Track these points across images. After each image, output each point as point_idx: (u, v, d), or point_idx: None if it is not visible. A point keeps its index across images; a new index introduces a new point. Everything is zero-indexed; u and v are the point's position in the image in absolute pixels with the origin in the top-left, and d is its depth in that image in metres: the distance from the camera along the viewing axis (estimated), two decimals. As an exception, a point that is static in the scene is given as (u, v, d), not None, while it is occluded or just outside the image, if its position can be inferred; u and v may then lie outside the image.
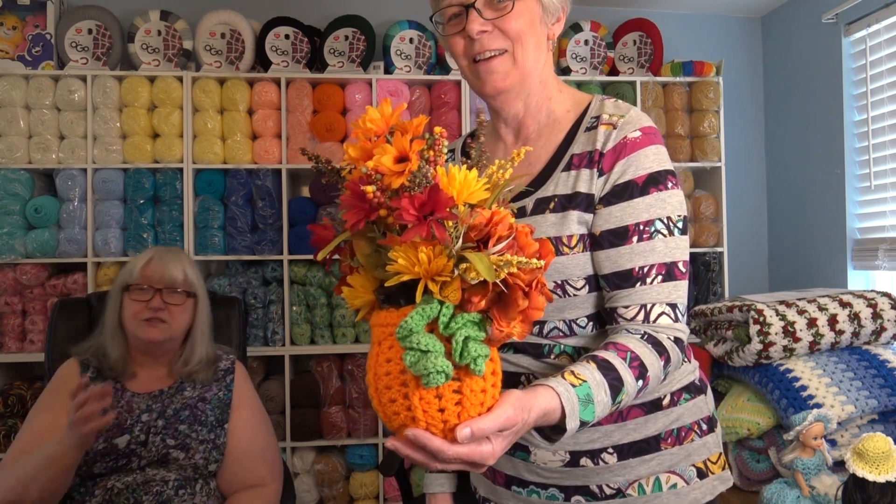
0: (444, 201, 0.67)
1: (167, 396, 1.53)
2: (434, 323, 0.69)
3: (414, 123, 0.74)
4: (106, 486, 1.41)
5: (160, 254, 1.59)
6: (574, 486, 0.99)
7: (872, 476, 1.25)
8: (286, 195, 2.54)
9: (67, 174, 2.41)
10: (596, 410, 0.81)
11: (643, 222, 0.91)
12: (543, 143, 1.01)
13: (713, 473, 1.01)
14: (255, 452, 1.56)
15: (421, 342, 0.67)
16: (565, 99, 1.03)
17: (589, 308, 0.96)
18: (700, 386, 1.04)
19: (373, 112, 0.75)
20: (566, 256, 0.94)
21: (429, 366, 0.66)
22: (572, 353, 0.97)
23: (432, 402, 0.69)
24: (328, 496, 2.59)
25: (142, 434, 1.46)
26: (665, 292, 0.91)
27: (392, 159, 0.70)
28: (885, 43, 2.41)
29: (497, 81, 0.97)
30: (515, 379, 1.00)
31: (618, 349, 0.86)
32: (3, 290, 2.40)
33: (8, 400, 2.32)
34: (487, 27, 0.94)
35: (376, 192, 0.68)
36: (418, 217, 0.66)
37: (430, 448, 0.70)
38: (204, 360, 1.58)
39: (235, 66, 2.55)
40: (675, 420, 0.99)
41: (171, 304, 1.54)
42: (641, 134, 0.94)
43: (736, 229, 2.99)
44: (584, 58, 2.77)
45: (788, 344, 1.74)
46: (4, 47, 2.47)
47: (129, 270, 1.56)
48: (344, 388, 2.58)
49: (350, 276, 0.78)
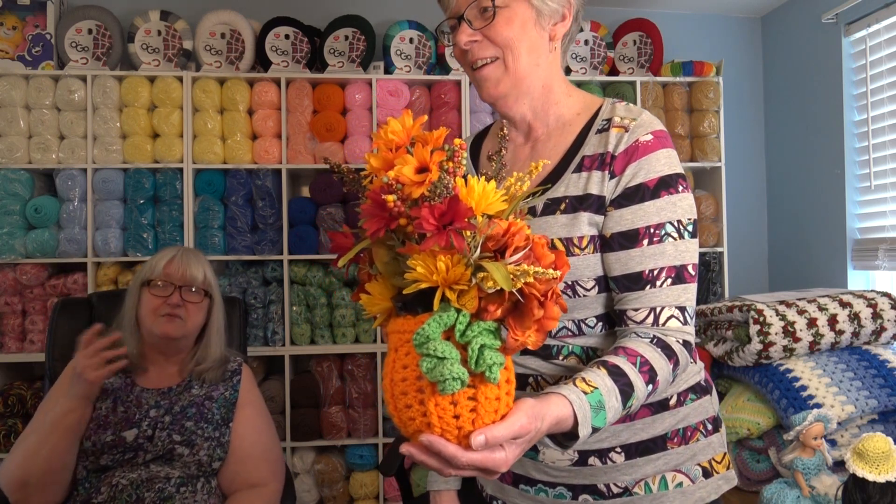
0: (464, 212, 0.68)
1: (175, 394, 1.56)
2: (450, 331, 0.70)
3: (434, 135, 0.76)
4: (111, 483, 1.43)
5: (183, 252, 1.62)
6: (582, 484, 1.00)
7: (872, 476, 1.25)
8: (286, 195, 2.54)
9: (67, 174, 2.41)
10: (608, 416, 0.81)
11: (654, 225, 0.92)
12: (553, 145, 1.02)
13: (718, 473, 1.02)
14: (258, 452, 1.57)
15: (438, 349, 0.68)
16: (575, 102, 1.04)
17: (598, 308, 0.97)
18: (706, 386, 1.05)
19: (394, 123, 0.76)
20: (576, 257, 0.94)
21: (445, 372, 0.68)
22: (580, 354, 0.98)
23: (447, 409, 0.70)
24: (328, 496, 2.59)
25: (149, 429, 1.48)
26: (674, 295, 0.92)
27: (413, 170, 0.72)
28: (885, 43, 2.41)
29: (490, 88, 0.99)
30: (523, 380, 1.00)
31: (628, 354, 0.87)
32: (3, 290, 2.40)
33: (8, 400, 2.32)
34: (476, 37, 0.96)
35: (396, 202, 0.70)
36: (437, 227, 0.68)
37: (445, 454, 0.71)
38: (217, 360, 1.61)
39: (235, 66, 2.55)
40: (682, 420, 1.00)
41: (189, 301, 1.57)
42: (653, 137, 0.94)
43: (736, 229, 2.99)
44: (584, 58, 2.77)
45: (788, 344, 1.74)
46: (4, 47, 2.47)
47: (152, 266, 1.59)
48: (344, 388, 2.58)
49: (368, 284, 0.79)
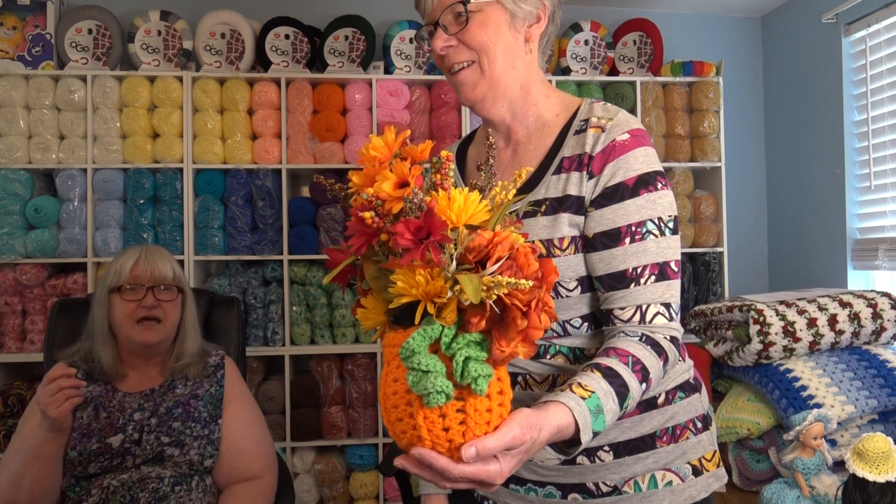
0: (439, 225, 0.69)
1: (159, 395, 1.53)
2: (437, 343, 0.71)
3: (419, 148, 0.77)
4: (102, 485, 1.41)
5: (146, 251, 1.58)
6: (571, 483, 1.00)
7: (872, 476, 1.25)
8: (286, 195, 2.54)
9: (67, 174, 2.41)
10: (606, 419, 0.82)
11: (635, 223, 0.93)
12: (534, 147, 1.02)
13: (708, 471, 1.02)
14: (252, 446, 1.56)
15: (422, 362, 0.69)
16: (553, 103, 1.04)
17: (582, 308, 0.98)
18: (694, 384, 1.05)
19: (376, 140, 0.77)
20: (557, 258, 0.95)
21: (429, 386, 0.68)
22: (568, 353, 0.99)
23: (437, 422, 0.71)
24: (328, 496, 2.59)
25: (135, 433, 1.46)
26: (659, 292, 0.92)
27: (393, 185, 0.72)
28: (885, 43, 2.41)
29: (467, 92, 1.00)
30: (512, 379, 1.00)
31: (619, 354, 0.87)
32: (3, 290, 2.40)
33: (8, 400, 2.32)
34: (452, 42, 0.97)
35: (374, 218, 0.71)
36: (414, 241, 0.69)
37: (436, 467, 0.71)
38: (196, 353, 1.59)
39: (235, 66, 2.55)
40: (671, 418, 1.01)
41: (163, 300, 1.54)
42: (630, 136, 0.95)
43: (736, 229, 2.99)
44: (584, 58, 2.77)
45: (788, 344, 1.74)
46: (4, 47, 2.47)
47: (116, 272, 1.54)
48: (344, 388, 2.58)
49: (364, 298, 0.80)
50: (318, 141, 2.56)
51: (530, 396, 1.01)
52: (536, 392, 1.00)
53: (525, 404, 0.99)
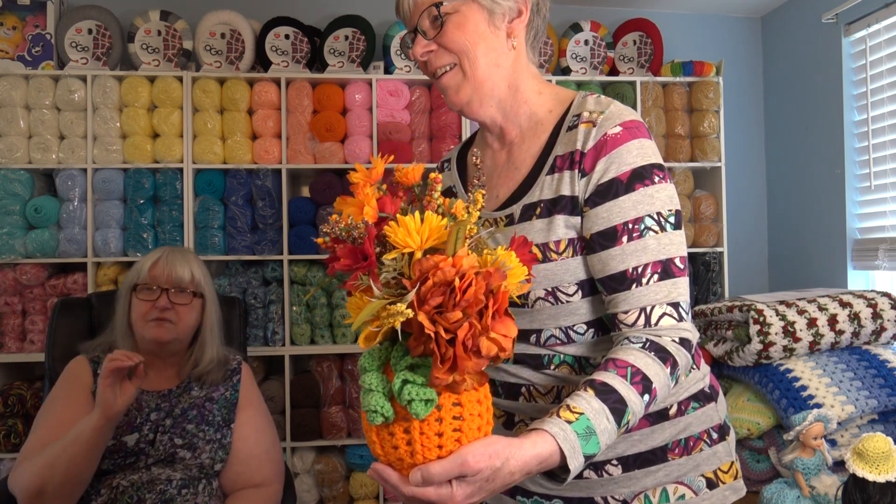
0: (367, 252, 0.72)
1: (175, 396, 1.54)
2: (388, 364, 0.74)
3: (412, 169, 0.79)
4: (111, 485, 1.42)
5: (168, 253, 1.59)
6: (578, 497, 0.97)
7: (872, 476, 1.25)
8: (286, 195, 2.54)
9: (67, 174, 2.41)
10: (601, 440, 0.78)
11: (631, 220, 0.88)
12: (528, 147, 0.99)
13: (724, 483, 0.98)
14: (261, 452, 1.56)
15: (365, 380, 0.72)
16: (546, 99, 1.00)
17: (586, 314, 0.94)
18: (710, 393, 1.01)
19: (355, 176, 0.78)
20: (554, 262, 0.91)
21: (368, 404, 0.71)
22: (572, 363, 0.95)
23: (387, 440, 0.73)
24: (328, 496, 2.59)
25: (150, 433, 1.47)
26: (664, 292, 0.87)
27: (357, 211, 0.76)
28: (885, 43, 2.41)
29: (452, 96, 0.97)
30: (516, 390, 0.99)
31: (617, 367, 0.82)
32: (3, 290, 2.40)
33: (8, 400, 2.32)
34: (431, 47, 0.95)
35: (326, 241, 0.75)
36: (351, 265, 0.73)
37: (390, 483, 0.72)
38: (215, 361, 1.58)
39: (235, 66, 2.55)
40: (683, 430, 0.96)
41: (177, 304, 1.54)
42: (622, 129, 0.90)
43: (736, 229, 2.99)
44: (584, 58, 2.77)
45: (788, 344, 1.74)
46: (4, 47, 2.47)
47: (138, 270, 1.56)
48: (344, 388, 2.58)
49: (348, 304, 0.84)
50: (318, 141, 2.56)
51: (535, 408, 0.98)
52: (541, 404, 0.97)
53: (530, 416, 0.98)
